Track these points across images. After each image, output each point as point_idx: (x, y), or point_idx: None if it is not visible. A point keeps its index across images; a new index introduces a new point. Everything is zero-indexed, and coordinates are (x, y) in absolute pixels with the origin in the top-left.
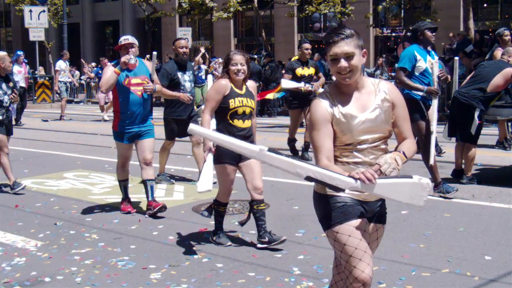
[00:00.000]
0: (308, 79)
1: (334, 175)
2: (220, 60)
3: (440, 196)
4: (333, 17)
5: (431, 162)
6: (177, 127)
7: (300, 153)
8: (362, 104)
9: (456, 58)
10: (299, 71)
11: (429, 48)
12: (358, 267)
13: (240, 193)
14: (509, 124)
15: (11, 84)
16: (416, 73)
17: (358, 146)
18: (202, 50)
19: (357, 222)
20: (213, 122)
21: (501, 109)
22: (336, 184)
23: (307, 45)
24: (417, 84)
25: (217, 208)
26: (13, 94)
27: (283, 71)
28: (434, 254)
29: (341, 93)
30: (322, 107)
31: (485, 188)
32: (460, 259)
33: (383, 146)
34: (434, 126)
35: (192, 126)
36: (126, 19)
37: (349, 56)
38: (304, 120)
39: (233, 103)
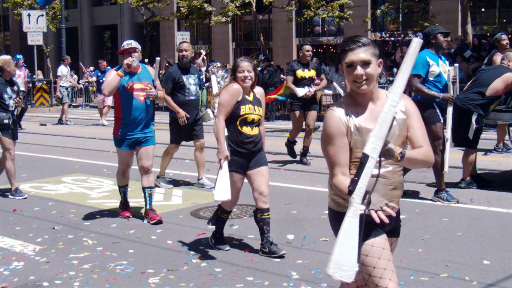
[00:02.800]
0: (309, 81)
1: (365, 181)
2: (219, 64)
3: (438, 201)
4: (332, 21)
5: (446, 169)
6: (182, 131)
7: (298, 157)
8: (377, 116)
9: (456, 64)
10: (300, 73)
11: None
12: (380, 284)
13: (239, 198)
14: (510, 128)
15: (15, 88)
16: (430, 78)
17: None
18: (203, 53)
19: (374, 240)
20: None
21: (502, 113)
22: (358, 184)
23: (308, 47)
24: (433, 92)
25: (220, 214)
26: (18, 98)
27: (282, 76)
28: (432, 259)
29: (355, 104)
30: (336, 118)
31: (483, 193)
32: (458, 264)
33: None
34: (448, 133)
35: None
36: (125, 24)
37: (365, 64)
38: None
39: (244, 109)
